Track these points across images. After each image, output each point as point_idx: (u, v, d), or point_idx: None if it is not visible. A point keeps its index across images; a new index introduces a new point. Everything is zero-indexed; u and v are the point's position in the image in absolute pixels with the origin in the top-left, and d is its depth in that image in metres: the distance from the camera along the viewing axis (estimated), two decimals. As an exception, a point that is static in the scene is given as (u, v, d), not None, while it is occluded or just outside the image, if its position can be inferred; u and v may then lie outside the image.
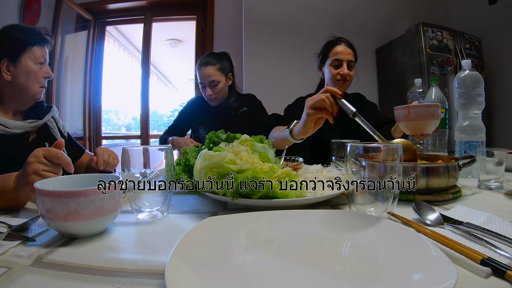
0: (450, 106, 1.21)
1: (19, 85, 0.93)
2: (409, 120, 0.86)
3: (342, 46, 1.36)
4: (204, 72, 1.51)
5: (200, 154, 0.62)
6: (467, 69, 1.04)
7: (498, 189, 0.78)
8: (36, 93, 0.97)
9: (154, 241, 0.46)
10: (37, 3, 2.41)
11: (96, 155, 0.98)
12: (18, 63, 0.92)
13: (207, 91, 1.54)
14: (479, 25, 2.89)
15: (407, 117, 0.86)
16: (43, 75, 0.97)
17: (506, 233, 0.45)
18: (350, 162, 0.53)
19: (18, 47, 0.92)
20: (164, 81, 5.79)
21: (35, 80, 0.95)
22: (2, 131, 0.89)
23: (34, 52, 0.94)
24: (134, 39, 3.97)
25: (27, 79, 0.93)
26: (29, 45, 0.93)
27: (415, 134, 0.88)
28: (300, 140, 0.94)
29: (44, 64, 0.98)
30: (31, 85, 0.94)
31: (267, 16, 2.78)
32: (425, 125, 0.85)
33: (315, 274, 0.35)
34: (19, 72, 0.92)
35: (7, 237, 0.44)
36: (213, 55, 1.57)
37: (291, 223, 0.48)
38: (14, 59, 0.91)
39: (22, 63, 0.92)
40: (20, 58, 0.92)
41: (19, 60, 0.92)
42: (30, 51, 0.93)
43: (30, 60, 0.93)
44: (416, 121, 0.85)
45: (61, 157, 0.58)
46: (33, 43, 0.94)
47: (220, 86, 1.54)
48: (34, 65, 0.94)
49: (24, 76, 0.93)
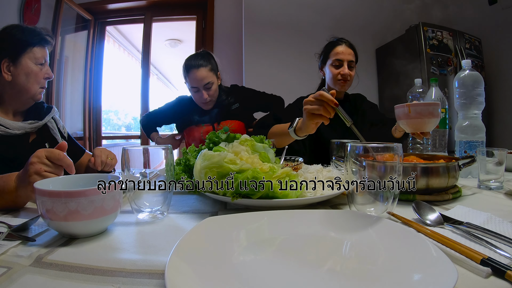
0: (450, 106, 1.21)
1: (19, 86, 0.93)
2: (409, 118, 0.86)
3: (343, 46, 1.37)
4: (197, 75, 1.43)
5: (200, 154, 0.62)
6: (467, 69, 1.04)
7: (498, 189, 0.78)
8: (36, 93, 0.97)
9: (154, 241, 0.46)
10: (37, 3, 2.41)
11: (94, 156, 0.97)
12: (18, 63, 0.92)
13: (203, 94, 1.47)
14: (479, 25, 2.89)
15: (408, 115, 0.86)
16: (43, 76, 0.97)
17: (506, 233, 0.45)
18: (350, 162, 0.53)
19: (19, 48, 0.92)
20: (164, 81, 5.79)
21: (35, 80, 0.95)
22: (2, 131, 0.89)
23: (35, 53, 0.94)
24: (134, 39, 3.97)
25: (27, 79, 0.93)
26: (30, 46, 0.93)
27: (415, 132, 0.89)
28: (304, 136, 0.95)
29: (44, 65, 0.98)
30: (31, 86, 0.94)
31: (267, 16, 2.78)
32: (425, 123, 0.86)
33: (315, 274, 0.35)
34: (19, 72, 0.92)
35: (7, 237, 0.44)
36: (200, 56, 1.50)
37: (291, 223, 0.48)
38: (15, 59, 0.91)
39: (22, 64, 0.92)
40: (20, 59, 0.92)
41: (20, 60, 0.92)
42: (31, 52, 0.93)
43: (30, 60, 0.93)
44: (416, 119, 0.86)
45: (63, 159, 0.59)
46: (34, 44, 0.94)
47: (214, 88, 1.49)
48: (34, 65, 0.94)
49: (24, 76, 0.93)
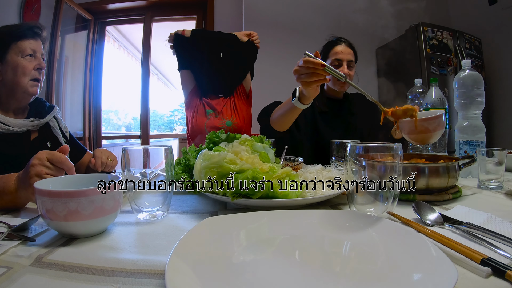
0: (450, 106, 1.21)
1: (9, 82, 0.93)
2: (415, 133, 0.83)
3: (342, 46, 1.36)
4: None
5: (200, 154, 0.62)
6: (467, 69, 1.04)
7: (498, 189, 0.78)
8: (27, 86, 0.95)
9: (154, 241, 0.46)
10: (37, 3, 2.41)
11: (94, 157, 0.97)
12: (4, 61, 0.92)
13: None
14: (479, 25, 2.89)
15: (413, 130, 0.83)
16: (34, 67, 0.96)
17: (506, 233, 0.45)
18: (350, 162, 0.53)
19: (2, 46, 0.92)
20: (164, 81, 5.79)
21: (22, 73, 0.93)
22: (3, 129, 0.89)
23: (19, 46, 0.93)
24: (134, 39, 3.97)
25: (14, 73, 0.92)
26: (13, 41, 0.92)
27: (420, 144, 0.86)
28: (308, 104, 0.93)
29: (34, 56, 0.96)
30: (19, 79, 0.93)
31: (267, 16, 2.78)
32: (431, 136, 0.83)
33: (315, 274, 0.35)
34: (7, 69, 0.92)
35: (7, 237, 0.44)
36: None
37: (291, 223, 0.48)
38: (1, 58, 0.91)
39: (8, 60, 0.92)
40: (6, 56, 0.91)
41: (5, 58, 0.91)
42: (15, 46, 0.92)
43: (16, 55, 0.92)
44: (422, 134, 0.82)
45: (64, 162, 0.59)
46: (18, 38, 0.93)
47: None
48: (20, 59, 0.93)
49: (11, 71, 0.92)
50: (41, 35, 0.99)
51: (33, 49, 0.95)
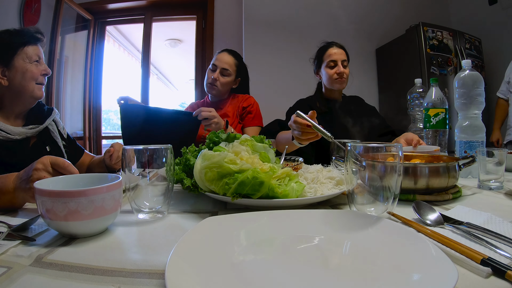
0: (450, 106, 1.20)
1: (17, 86, 0.94)
2: None
3: (335, 48, 1.48)
4: (225, 57, 1.52)
5: (200, 154, 0.62)
6: (467, 69, 1.04)
7: (498, 189, 0.78)
8: (33, 90, 0.96)
9: (154, 241, 0.46)
10: (37, 3, 2.41)
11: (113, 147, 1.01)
12: (12, 66, 0.92)
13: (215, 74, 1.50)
14: (479, 25, 2.89)
15: None
16: (40, 72, 0.97)
17: (506, 233, 0.45)
18: (350, 162, 0.53)
19: (10, 51, 0.92)
20: (164, 81, 5.79)
21: (31, 77, 0.95)
22: (3, 137, 0.89)
23: (26, 52, 0.94)
24: (134, 39, 3.97)
25: (23, 77, 0.93)
26: (20, 47, 0.93)
27: None
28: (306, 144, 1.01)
29: (40, 62, 0.98)
30: (28, 83, 0.94)
31: (267, 16, 2.78)
32: None
33: (315, 274, 0.35)
34: (15, 74, 0.93)
35: (7, 237, 0.44)
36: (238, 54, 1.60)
37: (291, 223, 0.48)
38: (8, 63, 0.92)
39: (16, 66, 0.92)
40: (13, 61, 0.92)
41: (13, 63, 0.92)
42: (22, 52, 0.93)
43: (23, 60, 0.93)
44: None
45: (67, 168, 0.60)
46: (24, 44, 0.94)
47: (228, 80, 1.52)
48: (28, 64, 0.94)
49: (20, 76, 0.93)
50: (43, 41, 1.00)
51: (37, 54, 0.97)
